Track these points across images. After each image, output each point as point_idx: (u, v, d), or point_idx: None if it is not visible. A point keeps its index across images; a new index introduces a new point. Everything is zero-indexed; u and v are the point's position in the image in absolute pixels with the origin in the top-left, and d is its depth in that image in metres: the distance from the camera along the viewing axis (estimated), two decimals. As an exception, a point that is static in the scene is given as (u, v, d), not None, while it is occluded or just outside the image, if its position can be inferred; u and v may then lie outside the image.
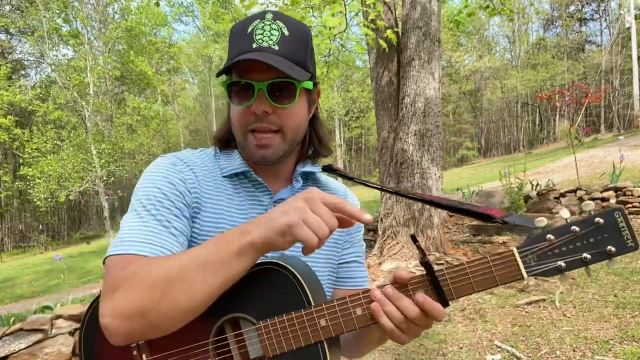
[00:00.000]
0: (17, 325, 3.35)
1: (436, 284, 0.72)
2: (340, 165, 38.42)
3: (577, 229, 0.70)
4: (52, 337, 3.29)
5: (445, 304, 0.72)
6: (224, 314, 0.79)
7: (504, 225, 0.76)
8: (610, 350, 2.73)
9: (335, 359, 0.79)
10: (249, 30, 0.83)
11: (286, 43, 0.83)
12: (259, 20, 0.84)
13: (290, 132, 0.87)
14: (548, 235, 0.70)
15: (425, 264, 0.72)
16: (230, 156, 0.94)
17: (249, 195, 0.92)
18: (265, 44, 0.82)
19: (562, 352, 2.80)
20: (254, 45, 0.82)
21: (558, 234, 0.70)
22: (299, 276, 0.77)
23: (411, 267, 4.79)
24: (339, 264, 1.02)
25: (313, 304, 0.76)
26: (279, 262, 0.78)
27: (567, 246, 0.70)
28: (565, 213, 0.72)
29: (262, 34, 0.82)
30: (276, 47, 0.82)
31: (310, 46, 0.89)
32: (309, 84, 0.87)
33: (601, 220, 0.69)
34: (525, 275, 0.70)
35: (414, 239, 0.76)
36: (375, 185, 1.00)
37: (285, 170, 0.96)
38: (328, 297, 0.98)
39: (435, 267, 0.73)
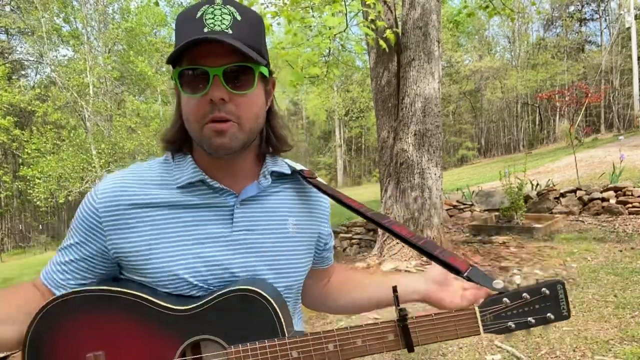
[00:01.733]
0: (17, 326, 3.35)
1: (407, 333, 0.78)
2: (340, 165, 38.42)
3: (527, 296, 0.81)
4: (52, 337, 3.29)
5: (410, 349, 0.78)
6: (194, 335, 0.77)
7: (467, 280, 0.86)
8: (610, 350, 2.73)
9: None
10: (198, 15, 0.77)
11: (239, 27, 0.78)
12: (207, 5, 0.78)
13: (247, 121, 0.81)
14: (504, 299, 0.81)
15: (404, 314, 0.78)
16: (182, 164, 0.88)
17: (209, 200, 0.86)
18: (217, 28, 0.76)
19: (562, 352, 2.80)
20: (206, 30, 0.76)
21: (512, 299, 0.81)
22: (275, 306, 0.77)
23: (411, 267, 4.79)
24: (323, 252, 1.05)
25: (287, 335, 0.77)
26: (257, 290, 0.78)
27: (517, 310, 0.81)
28: (517, 279, 0.85)
29: (212, 18, 0.77)
30: (230, 31, 0.77)
31: (263, 32, 0.85)
32: (265, 70, 0.83)
33: (547, 291, 0.81)
34: (481, 331, 0.80)
35: (394, 289, 0.82)
36: (338, 198, 0.97)
37: (244, 166, 0.90)
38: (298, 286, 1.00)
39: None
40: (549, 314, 0.81)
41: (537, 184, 7.74)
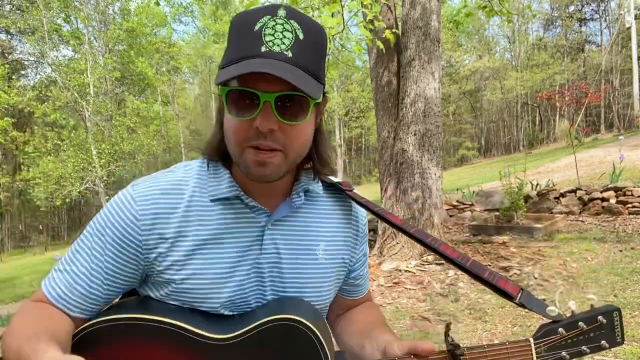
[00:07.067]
0: (17, 326, 3.35)
1: None
2: (340, 165, 38.42)
3: (583, 325, 0.77)
4: (52, 337, 3.29)
5: None
6: None
7: (519, 306, 0.85)
8: (610, 350, 2.74)
9: None
10: (257, 27, 0.69)
11: (301, 49, 0.70)
12: (269, 16, 0.69)
13: (294, 152, 0.76)
14: (560, 329, 0.77)
15: (456, 346, 0.76)
16: (218, 175, 0.83)
17: (242, 217, 0.82)
18: (276, 49, 0.68)
19: (562, 352, 2.80)
20: (263, 49, 0.68)
21: (568, 329, 0.77)
22: (320, 337, 0.74)
23: (411, 267, 4.79)
24: (350, 281, 0.99)
25: None
26: (299, 319, 0.74)
27: (572, 339, 0.78)
28: (572, 305, 0.80)
29: (272, 34, 0.69)
30: (289, 54, 0.69)
31: (325, 52, 0.78)
32: (320, 99, 0.75)
33: (604, 320, 0.77)
34: None
35: (447, 327, 0.82)
36: (389, 219, 0.92)
37: (281, 185, 0.86)
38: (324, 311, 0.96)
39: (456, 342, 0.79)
40: (603, 342, 0.78)
41: (537, 184, 7.74)
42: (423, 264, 4.83)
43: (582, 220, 6.34)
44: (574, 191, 6.92)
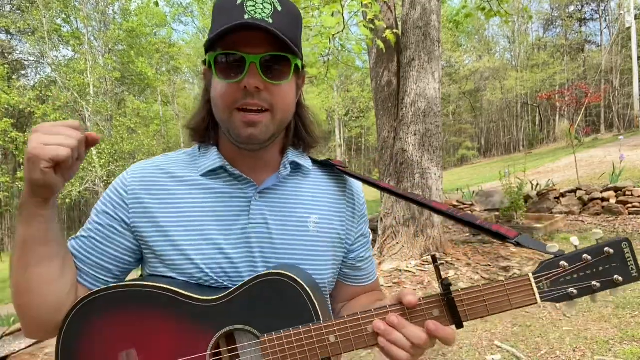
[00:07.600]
0: (17, 325, 3.35)
1: (452, 306, 0.71)
2: (340, 165, 38.23)
3: (588, 257, 0.71)
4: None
5: (459, 325, 0.71)
6: (226, 326, 0.75)
7: (516, 246, 0.77)
8: (610, 350, 2.73)
9: None
10: (239, 1, 0.76)
11: (280, 17, 0.77)
12: None
13: (280, 112, 0.80)
14: (562, 262, 0.72)
15: (448, 285, 0.71)
16: (207, 153, 0.89)
17: (230, 189, 0.86)
18: (258, 16, 0.75)
19: (562, 352, 2.80)
20: (246, 17, 0.74)
21: (571, 262, 0.72)
22: (307, 289, 0.74)
23: (411, 267, 4.79)
24: (351, 263, 0.98)
25: (322, 319, 0.73)
26: (287, 273, 0.75)
27: (578, 273, 0.71)
28: (575, 240, 0.74)
29: (254, 6, 0.75)
30: (270, 20, 0.75)
31: (301, 26, 0.84)
32: (300, 63, 0.82)
33: (611, 251, 0.71)
34: (539, 300, 0.71)
35: (434, 259, 0.76)
36: (381, 185, 0.95)
37: (269, 157, 0.90)
38: (327, 295, 0.95)
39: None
40: (616, 276, 0.70)
41: (537, 184, 7.74)
42: (423, 264, 4.83)
43: (582, 220, 6.34)
44: (574, 191, 6.92)
